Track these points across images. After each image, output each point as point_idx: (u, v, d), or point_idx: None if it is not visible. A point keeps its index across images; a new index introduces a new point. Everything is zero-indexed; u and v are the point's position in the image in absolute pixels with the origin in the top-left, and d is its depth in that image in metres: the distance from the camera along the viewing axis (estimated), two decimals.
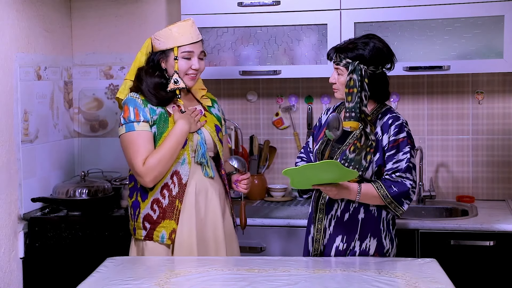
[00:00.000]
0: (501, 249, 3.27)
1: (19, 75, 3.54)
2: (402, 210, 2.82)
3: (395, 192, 2.77)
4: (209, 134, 3.05)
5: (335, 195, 2.77)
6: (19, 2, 3.56)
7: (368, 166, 2.80)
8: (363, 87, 2.78)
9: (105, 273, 2.60)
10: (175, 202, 2.96)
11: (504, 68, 3.47)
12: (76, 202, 3.63)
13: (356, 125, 2.78)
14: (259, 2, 3.64)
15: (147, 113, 2.95)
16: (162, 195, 2.97)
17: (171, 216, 2.96)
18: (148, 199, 2.98)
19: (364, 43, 2.82)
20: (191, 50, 3.00)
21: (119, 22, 4.10)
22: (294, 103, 4.07)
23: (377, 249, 2.85)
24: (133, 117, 2.94)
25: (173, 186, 2.97)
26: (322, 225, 2.90)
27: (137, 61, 3.06)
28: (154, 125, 2.96)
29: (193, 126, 2.98)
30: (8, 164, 3.47)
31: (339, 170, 2.64)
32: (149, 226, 2.98)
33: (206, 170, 3.01)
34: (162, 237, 2.96)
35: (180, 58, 2.99)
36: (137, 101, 2.97)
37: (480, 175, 3.91)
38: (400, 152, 2.81)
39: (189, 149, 2.98)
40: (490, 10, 3.43)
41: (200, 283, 2.45)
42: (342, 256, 2.86)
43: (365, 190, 2.79)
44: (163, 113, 2.98)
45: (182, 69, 2.99)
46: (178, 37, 2.98)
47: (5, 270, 3.46)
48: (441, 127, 3.93)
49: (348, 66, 2.81)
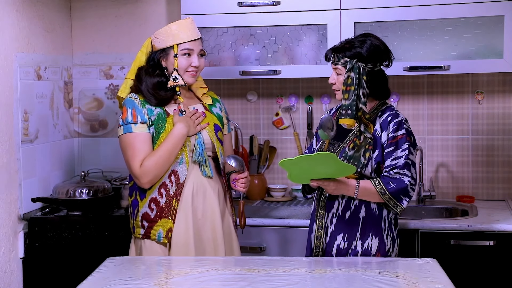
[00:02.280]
0: (501, 249, 3.27)
1: (19, 75, 3.54)
2: (401, 207, 2.82)
3: (393, 189, 2.78)
4: (207, 134, 3.05)
5: (333, 191, 2.78)
6: (19, 2, 3.56)
7: (367, 163, 2.80)
8: (361, 84, 2.79)
9: (105, 273, 2.60)
10: (172, 201, 2.97)
11: (504, 68, 3.47)
12: (76, 202, 3.63)
13: (352, 123, 2.79)
14: (259, 2, 3.64)
15: (144, 114, 2.97)
16: (160, 194, 2.98)
17: (168, 215, 2.97)
18: (146, 197, 3.00)
19: (360, 42, 2.84)
20: (191, 48, 3.01)
21: (119, 22, 4.10)
22: (294, 103, 4.07)
23: (379, 248, 2.86)
24: (130, 118, 2.96)
25: (171, 185, 2.98)
26: (323, 222, 2.91)
27: (137, 61, 3.07)
28: (152, 126, 2.98)
29: (192, 129, 2.99)
30: (8, 164, 3.47)
31: (336, 164, 2.64)
32: (146, 224, 2.99)
33: (204, 170, 3.01)
34: (159, 236, 2.97)
35: (180, 56, 3.00)
36: (135, 102, 2.98)
37: (480, 175, 3.90)
38: (398, 149, 2.81)
39: (186, 149, 2.99)
40: (490, 10, 3.43)
41: (200, 283, 2.45)
42: (343, 255, 2.86)
43: (364, 187, 2.79)
44: (161, 113, 2.99)
45: (181, 67, 3.00)
46: (177, 34, 2.99)
47: (5, 270, 3.46)
48: (441, 127, 3.93)
49: (346, 65, 2.81)
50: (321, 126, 2.86)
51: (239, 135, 4.03)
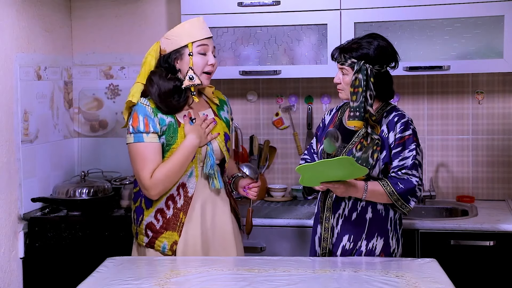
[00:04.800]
0: (501, 249, 3.27)
1: (19, 75, 3.54)
2: (409, 208, 2.82)
3: (402, 189, 2.78)
4: (218, 144, 2.98)
5: (343, 193, 2.77)
6: (19, 2, 3.56)
7: (375, 164, 2.80)
8: (368, 86, 2.78)
9: (105, 273, 2.60)
10: (179, 214, 2.92)
11: (504, 68, 3.47)
12: (76, 202, 3.63)
13: (360, 125, 2.79)
14: (259, 2, 3.64)
15: (156, 124, 2.87)
16: (167, 206, 2.93)
17: (174, 228, 2.91)
18: (152, 207, 2.94)
19: (368, 43, 2.82)
20: (206, 44, 2.92)
21: (119, 22, 4.10)
22: (294, 103, 4.07)
23: (383, 249, 2.86)
24: (142, 127, 2.86)
25: (179, 198, 2.92)
26: (330, 224, 2.90)
27: (147, 65, 2.95)
28: (163, 135, 2.89)
29: (203, 139, 2.91)
30: (8, 164, 3.47)
31: (350, 167, 2.64)
32: (151, 234, 2.94)
33: (214, 182, 2.95)
34: (163, 248, 2.93)
35: (195, 54, 2.90)
36: (147, 110, 2.88)
37: (480, 175, 3.91)
38: (406, 149, 2.81)
39: (197, 162, 2.93)
40: (490, 10, 3.43)
41: (200, 283, 2.45)
42: (348, 255, 2.86)
43: (372, 188, 2.79)
44: (173, 123, 2.91)
45: (198, 65, 2.91)
46: (191, 32, 2.90)
47: (5, 270, 3.46)
48: (441, 127, 3.93)
49: (353, 65, 2.81)
50: (327, 137, 2.85)
51: (239, 135, 4.02)
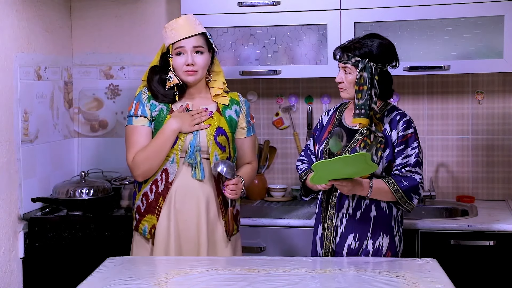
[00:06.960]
0: (501, 249, 3.27)
1: (19, 75, 3.54)
2: (413, 205, 2.84)
3: (406, 187, 2.79)
4: (205, 136, 3.01)
5: (349, 191, 2.78)
6: (19, 2, 3.56)
7: (378, 162, 2.80)
8: (373, 84, 2.79)
9: (105, 273, 2.60)
10: (159, 199, 3.01)
11: (504, 68, 3.47)
12: (76, 202, 3.63)
13: (366, 122, 2.79)
14: (259, 2, 3.64)
15: (146, 109, 3.03)
16: (151, 190, 3.03)
17: (154, 212, 3.02)
18: (141, 191, 3.06)
19: (370, 41, 2.84)
20: (181, 46, 3.01)
21: (119, 22, 4.10)
22: (294, 103, 4.07)
23: (389, 247, 2.87)
24: (133, 111, 3.05)
25: (161, 183, 3.01)
26: (333, 222, 2.90)
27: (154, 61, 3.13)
28: (153, 121, 3.03)
29: (185, 126, 2.98)
30: (8, 164, 3.47)
31: (364, 164, 2.64)
32: (138, 217, 3.06)
33: (195, 172, 3.00)
34: (144, 231, 3.04)
35: (174, 55, 3.02)
36: (142, 96, 3.06)
37: (480, 175, 3.90)
38: (409, 147, 2.83)
39: (178, 149, 2.99)
40: (490, 10, 3.43)
41: (200, 283, 2.45)
42: (354, 255, 2.86)
43: (377, 186, 2.80)
44: (163, 110, 3.03)
45: (176, 66, 3.02)
46: (170, 35, 3.03)
47: (5, 270, 3.46)
48: (441, 127, 3.93)
49: (357, 64, 2.81)
50: (332, 135, 2.85)
51: None
